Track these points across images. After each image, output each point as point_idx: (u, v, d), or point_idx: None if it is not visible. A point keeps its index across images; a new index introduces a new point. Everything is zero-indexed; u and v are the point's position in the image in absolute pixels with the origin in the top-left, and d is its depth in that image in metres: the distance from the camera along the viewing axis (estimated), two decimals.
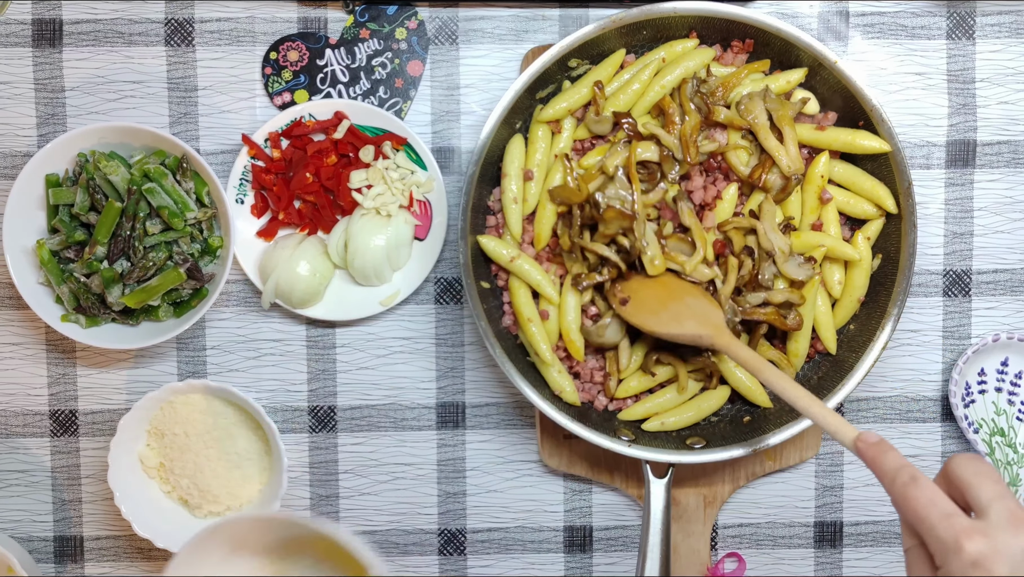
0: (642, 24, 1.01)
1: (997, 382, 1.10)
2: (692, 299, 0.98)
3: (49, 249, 1.03)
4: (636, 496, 1.10)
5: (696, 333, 0.96)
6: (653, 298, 0.99)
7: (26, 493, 1.10)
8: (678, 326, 0.97)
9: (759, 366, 0.92)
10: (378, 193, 1.06)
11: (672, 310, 0.98)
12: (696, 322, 0.97)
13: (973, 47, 1.09)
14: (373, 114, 1.06)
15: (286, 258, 1.05)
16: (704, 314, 0.97)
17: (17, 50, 1.08)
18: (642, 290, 1.00)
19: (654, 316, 0.98)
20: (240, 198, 1.07)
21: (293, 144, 1.07)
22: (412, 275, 1.08)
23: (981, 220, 1.10)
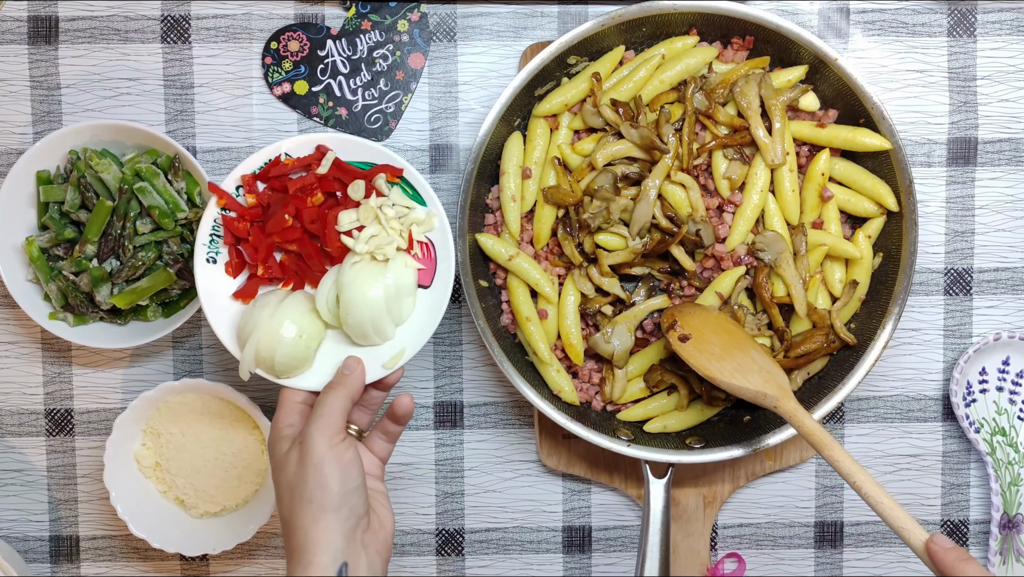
0: (642, 21, 1.01)
1: (998, 381, 1.10)
2: (757, 353, 0.96)
3: (38, 246, 1.03)
4: (635, 496, 1.09)
5: (762, 391, 0.93)
6: (717, 343, 0.95)
7: (21, 493, 1.10)
8: (743, 379, 0.94)
9: (826, 441, 0.89)
10: (372, 235, 0.93)
11: (738, 360, 0.95)
12: (762, 379, 0.94)
13: (974, 44, 1.08)
14: (361, 147, 0.93)
15: (266, 318, 0.91)
16: (770, 372, 0.94)
17: (13, 47, 1.07)
18: (704, 330, 0.96)
19: (717, 362, 0.94)
20: (212, 256, 0.94)
21: (271, 185, 0.94)
22: (418, 329, 0.94)
23: (982, 218, 1.09)
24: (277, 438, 0.89)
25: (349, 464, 0.86)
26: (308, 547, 0.83)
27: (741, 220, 1.01)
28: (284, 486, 0.87)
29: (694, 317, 0.97)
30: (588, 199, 1.00)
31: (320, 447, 0.85)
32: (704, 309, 0.98)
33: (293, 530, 0.85)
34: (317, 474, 0.85)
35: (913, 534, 0.80)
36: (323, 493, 0.84)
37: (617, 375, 1.02)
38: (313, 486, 0.84)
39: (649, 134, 0.99)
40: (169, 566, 1.10)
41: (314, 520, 0.84)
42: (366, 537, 0.86)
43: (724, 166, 1.01)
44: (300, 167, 0.94)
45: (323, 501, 0.84)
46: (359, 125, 1.08)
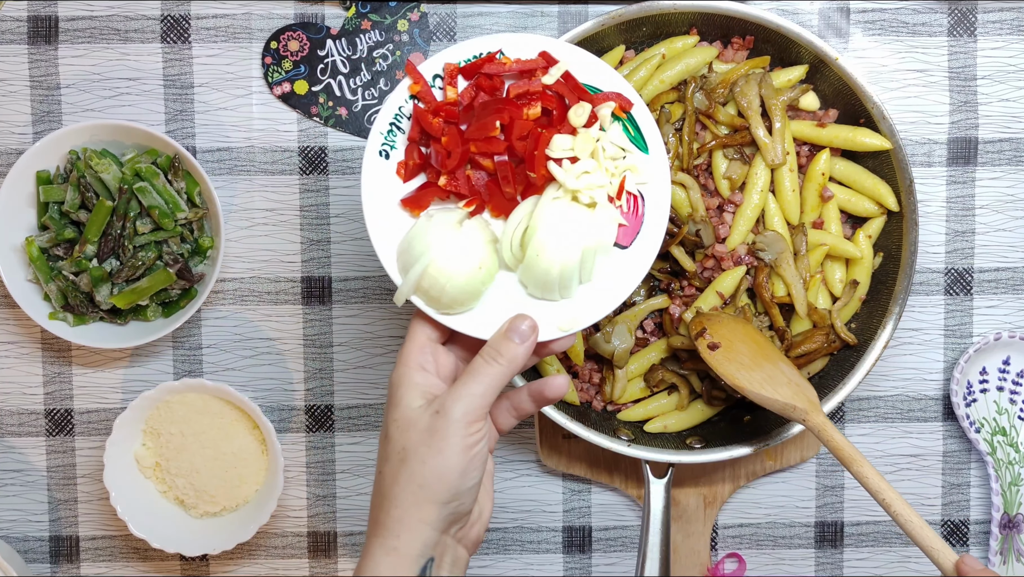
0: (642, 20, 1.01)
1: (999, 381, 1.10)
2: (786, 366, 0.95)
3: (38, 246, 1.03)
4: (636, 496, 1.09)
5: (791, 404, 0.92)
6: (746, 353, 0.95)
7: (21, 493, 1.10)
8: (772, 390, 0.93)
9: (855, 457, 0.88)
10: (584, 171, 0.78)
11: (767, 372, 0.94)
12: (792, 392, 0.93)
13: (974, 44, 1.08)
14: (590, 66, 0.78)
15: (444, 239, 0.77)
16: (799, 385, 0.94)
17: (13, 47, 1.07)
18: (734, 340, 0.96)
19: (747, 372, 0.94)
20: (385, 150, 0.80)
21: (479, 84, 0.79)
22: (603, 294, 0.79)
23: (983, 218, 1.09)
24: (408, 383, 0.78)
25: (475, 459, 0.76)
26: (400, 530, 0.76)
27: (741, 220, 1.01)
28: (399, 449, 0.77)
29: (723, 326, 0.96)
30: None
31: (456, 434, 0.75)
32: (732, 319, 0.98)
33: (390, 502, 0.76)
34: (440, 460, 0.75)
35: (943, 555, 0.79)
36: (438, 483, 0.76)
37: (617, 375, 1.02)
38: (431, 471, 0.76)
39: None
40: (169, 566, 1.10)
41: (416, 505, 0.76)
42: (460, 532, 0.80)
43: (724, 166, 1.01)
44: (518, 72, 0.79)
45: (435, 491, 0.76)
46: (359, 125, 1.08)
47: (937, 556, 0.80)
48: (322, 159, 1.08)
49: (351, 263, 1.09)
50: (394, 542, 0.76)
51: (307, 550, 1.10)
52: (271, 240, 1.08)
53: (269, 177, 1.08)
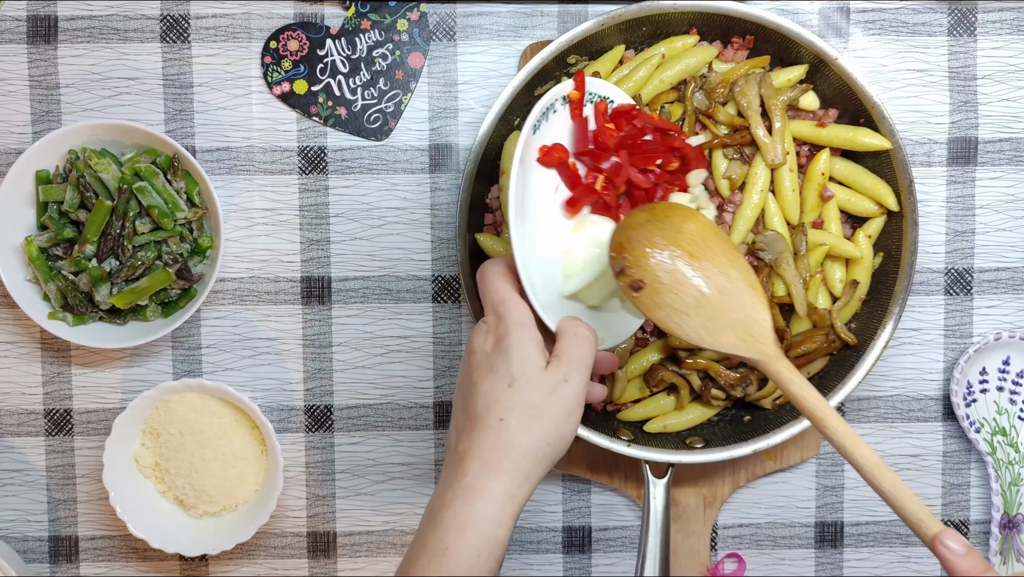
0: (641, 20, 1.01)
1: (999, 381, 1.10)
2: (729, 287, 0.78)
3: (38, 246, 1.03)
4: (635, 496, 1.09)
5: (735, 353, 0.78)
6: (678, 287, 0.78)
7: (21, 493, 1.10)
8: (713, 338, 0.78)
9: (823, 413, 0.76)
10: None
11: (706, 310, 0.78)
12: (736, 336, 0.78)
13: (974, 44, 1.08)
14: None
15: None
16: (746, 322, 0.78)
17: (12, 46, 1.07)
18: (662, 270, 0.79)
19: (680, 316, 0.78)
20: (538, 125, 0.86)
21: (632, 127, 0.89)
22: (623, 322, 0.91)
23: (983, 218, 1.09)
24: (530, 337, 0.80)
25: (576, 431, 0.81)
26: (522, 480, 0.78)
27: (741, 220, 1.01)
28: (528, 404, 0.78)
29: (648, 251, 0.79)
30: None
31: (579, 402, 0.79)
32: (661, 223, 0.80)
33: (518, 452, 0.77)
34: (566, 428, 0.79)
35: (924, 527, 0.72)
36: (560, 446, 0.79)
37: (617, 375, 1.02)
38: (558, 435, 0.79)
39: None
40: (168, 566, 1.10)
41: (541, 462, 0.78)
42: None
43: (724, 166, 1.01)
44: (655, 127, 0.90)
45: (556, 452, 0.79)
46: (358, 125, 1.08)
47: (919, 527, 0.72)
48: (322, 159, 1.08)
49: (351, 263, 1.09)
50: (516, 490, 0.78)
51: (306, 550, 1.10)
52: (270, 240, 1.08)
53: (268, 177, 1.08)
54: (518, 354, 0.79)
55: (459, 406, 0.83)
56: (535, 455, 0.79)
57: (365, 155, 1.08)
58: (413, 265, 1.09)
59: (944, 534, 0.72)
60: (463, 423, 0.81)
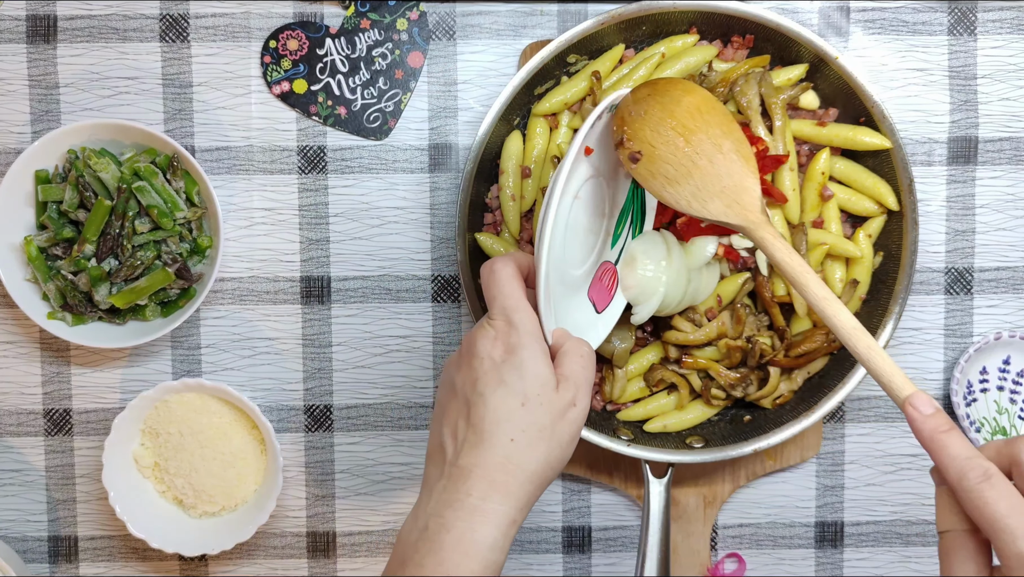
0: (641, 19, 1.01)
1: (999, 380, 1.10)
2: (720, 157, 0.81)
3: (37, 246, 1.03)
4: (635, 496, 1.09)
5: (722, 220, 0.81)
6: (673, 158, 0.81)
7: (20, 493, 1.10)
8: (701, 206, 0.80)
9: (805, 279, 0.77)
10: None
11: (696, 179, 0.80)
12: (723, 203, 0.80)
13: (975, 43, 1.08)
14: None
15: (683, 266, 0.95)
16: (735, 190, 0.80)
17: (11, 46, 1.07)
18: (658, 143, 0.82)
19: (673, 186, 0.81)
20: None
21: None
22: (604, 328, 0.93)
23: (983, 217, 1.09)
24: (539, 351, 0.78)
25: None
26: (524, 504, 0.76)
27: None
28: (538, 425, 0.76)
29: (648, 121, 0.83)
30: None
31: (581, 429, 0.79)
32: (663, 97, 0.83)
33: (525, 474, 0.75)
34: (569, 451, 0.78)
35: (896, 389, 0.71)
36: (560, 468, 0.78)
37: (617, 375, 1.02)
38: (561, 458, 0.77)
39: None
40: (168, 566, 1.10)
41: (543, 484, 0.76)
42: None
43: None
44: None
45: (556, 473, 0.77)
46: (358, 124, 1.07)
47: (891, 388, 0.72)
48: (321, 158, 1.08)
49: (350, 263, 1.08)
50: (517, 515, 0.76)
51: (306, 550, 1.10)
52: (270, 239, 1.08)
53: (268, 176, 1.08)
54: (532, 370, 0.77)
55: (457, 411, 0.79)
56: (539, 478, 0.77)
57: (365, 155, 1.08)
58: (413, 265, 1.09)
59: (914, 396, 0.71)
60: (465, 434, 0.77)
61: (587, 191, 0.85)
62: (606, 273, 0.90)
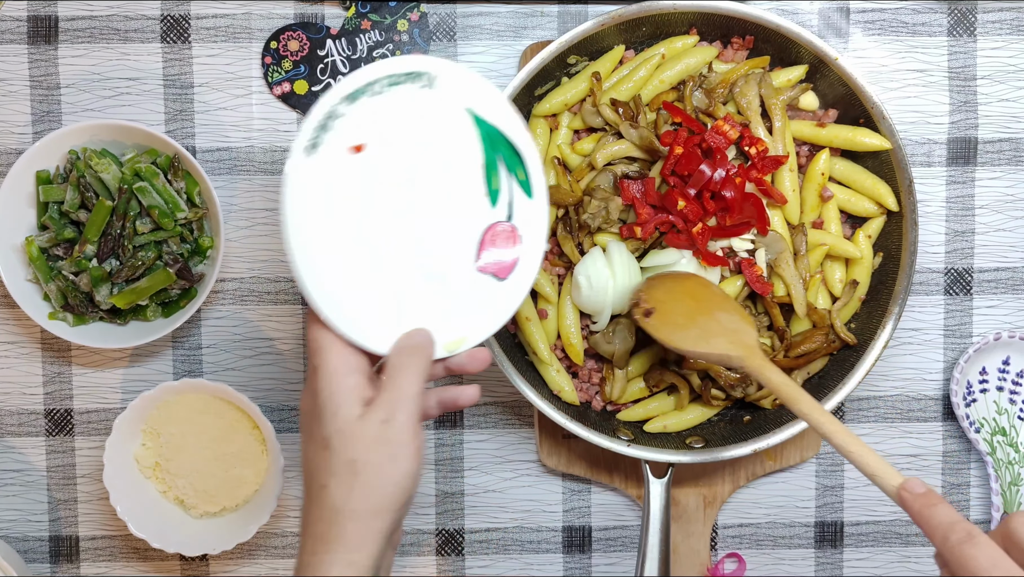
0: (642, 20, 1.01)
1: (999, 381, 1.10)
2: (724, 314, 0.92)
3: (38, 246, 1.03)
4: (635, 496, 1.09)
5: (725, 353, 0.90)
6: (681, 312, 0.92)
7: (21, 493, 1.10)
8: (706, 344, 0.90)
9: (795, 396, 0.85)
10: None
11: (701, 326, 0.91)
12: (726, 340, 0.90)
13: (974, 44, 1.08)
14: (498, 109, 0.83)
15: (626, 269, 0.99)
16: (735, 332, 0.91)
17: (12, 47, 1.07)
18: (669, 301, 0.93)
19: (681, 332, 0.91)
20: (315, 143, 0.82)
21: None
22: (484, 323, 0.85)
23: (982, 218, 1.09)
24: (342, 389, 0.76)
25: (423, 461, 0.76)
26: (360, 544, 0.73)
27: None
28: (347, 461, 0.74)
29: (660, 289, 0.94)
30: (587, 199, 1.00)
31: (409, 441, 0.75)
32: (673, 277, 0.96)
33: (345, 517, 0.73)
34: (396, 468, 0.74)
35: (887, 481, 0.76)
36: (396, 491, 0.74)
37: (617, 375, 1.02)
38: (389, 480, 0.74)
39: (649, 134, 0.99)
40: (169, 566, 1.10)
41: (374, 516, 0.73)
42: (395, 536, 0.79)
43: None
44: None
45: (393, 500, 0.74)
46: None
47: (881, 480, 0.77)
48: None
49: None
50: (354, 556, 0.73)
51: None
52: (271, 240, 1.08)
53: (269, 177, 1.08)
54: (329, 408, 0.75)
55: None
56: (368, 512, 0.74)
57: None
58: None
59: (905, 482, 0.75)
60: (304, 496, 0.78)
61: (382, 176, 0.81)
62: (497, 236, 0.83)
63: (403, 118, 0.81)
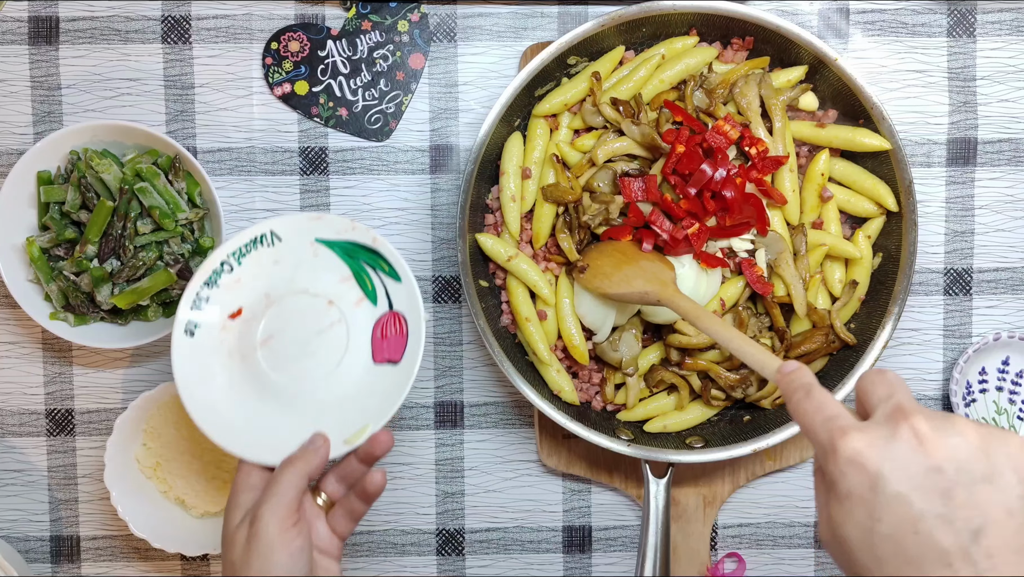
0: (642, 21, 1.01)
1: (998, 381, 1.10)
2: (646, 262, 0.98)
3: (39, 246, 1.03)
4: (635, 496, 1.09)
5: (642, 290, 0.95)
6: (609, 264, 0.98)
7: (22, 493, 1.10)
8: (627, 286, 0.96)
9: (698, 314, 0.90)
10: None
11: (624, 273, 0.97)
12: (644, 280, 0.96)
13: (974, 45, 1.08)
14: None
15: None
16: (654, 273, 0.96)
17: (13, 47, 1.07)
18: (600, 258, 0.99)
19: (607, 279, 0.98)
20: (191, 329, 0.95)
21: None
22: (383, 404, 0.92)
23: (982, 218, 1.09)
24: (232, 506, 0.87)
25: (298, 552, 0.83)
26: None
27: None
28: (228, 565, 0.84)
29: (595, 251, 1.00)
30: (587, 197, 1.00)
31: (271, 530, 0.82)
32: (613, 243, 1.00)
33: None
34: (263, 560, 0.82)
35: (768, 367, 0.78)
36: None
37: (630, 383, 1.02)
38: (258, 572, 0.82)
39: (650, 131, 0.99)
40: (170, 566, 1.10)
41: None
42: None
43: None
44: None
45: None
46: (359, 126, 1.08)
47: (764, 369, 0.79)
48: (322, 160, 1.08)
49: None
50: None
51: None
52: None
53: (270, 177, 1.08)
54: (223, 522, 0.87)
55: None
56: None
57: (366, 156, 1.08)
58: (414, 265, 1.09)
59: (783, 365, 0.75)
60: None
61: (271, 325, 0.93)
62: (385, 327, 0.93)
63: (267, 274, 0.93)
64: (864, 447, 0.64)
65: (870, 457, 0.64)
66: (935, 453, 0.63)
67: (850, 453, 0.64)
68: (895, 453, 0.64)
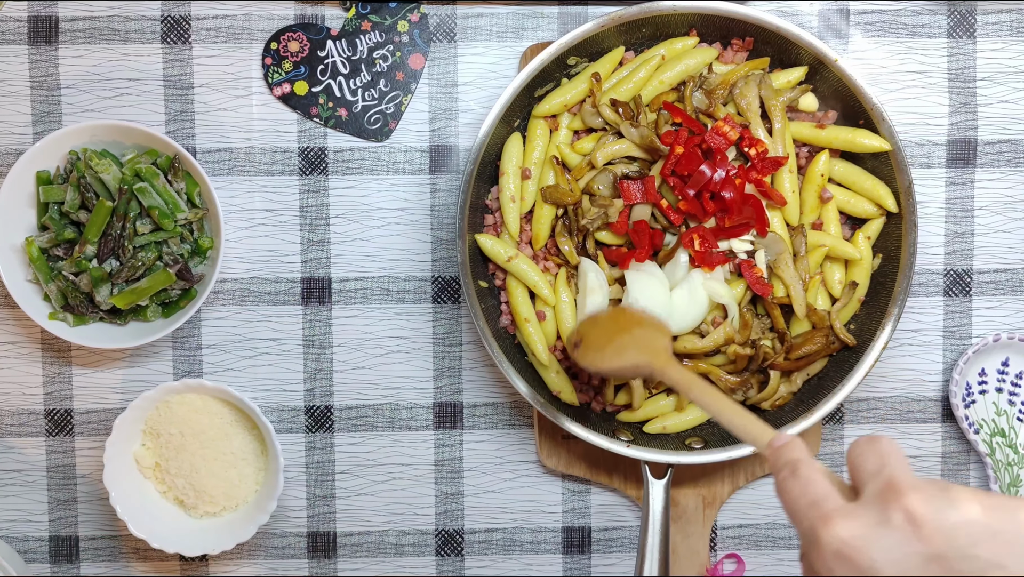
0: (642, 22, 1.01)
1: (998, 382, 1.10)
2: (640, 329, 0.92)
3: (38, 246, 1.03)
4: (635, 497, 1.09)
5: (635, 363, 0.89)
6: (602, 336, 0.93)
7: (21, 493, 1.10)
8: (619, 359, 0.90)
9: (689, 385, 0.83)
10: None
11: (617, 344, 0.91)
12: (637, 351, 0.90)
13: (974, 45, 1.08)
14: None
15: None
16: (647, 342, 0.90)
17: (13, 47, 1.07)
18: (593, 329, 0.94)
19: (600, 353, 0.92)
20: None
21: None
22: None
23: (982, 219, 1.09)
24: None
25: None
26: None
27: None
28: None
29: (588, 322, 0.96)
30: (587, 199, 1.00)
31: None
32: (603, 312, 0.97)
33: None
34: None
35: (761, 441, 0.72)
36: None
37: (634, 386, 1.02)
38: None
39: (649, 133, 0.99)
40: (169, 566, 1.10)
41: None
42: None
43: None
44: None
45: None
46: (359, 126, 1.08)
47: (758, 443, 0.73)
48: (322, 160, 1.08)
49: (351, 264, 1.09)
50: None
51: (307, 550, 1.11)
52: (271, 241, 1.08)
53: (269, 178, 1.08)
54: None
55: None
56: None
57: (365, 156, 1.08)
58: (413, 266, 1.09)
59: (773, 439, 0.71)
60: None
61: None
62: None
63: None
64: (851, 537, 0.58)
65: (859, 549, 0.57)
66: (934, 539, 0.56)
67: (836, 545, 0.58)
68: (887, 542, 0.57)
